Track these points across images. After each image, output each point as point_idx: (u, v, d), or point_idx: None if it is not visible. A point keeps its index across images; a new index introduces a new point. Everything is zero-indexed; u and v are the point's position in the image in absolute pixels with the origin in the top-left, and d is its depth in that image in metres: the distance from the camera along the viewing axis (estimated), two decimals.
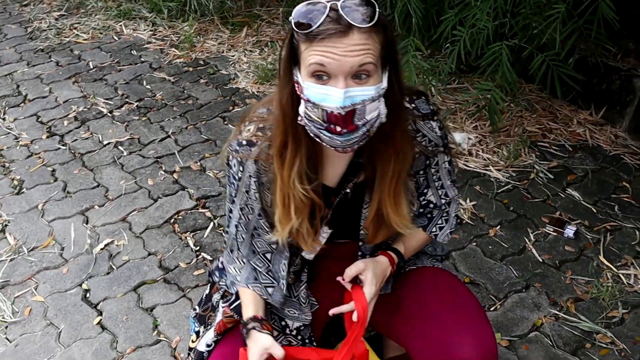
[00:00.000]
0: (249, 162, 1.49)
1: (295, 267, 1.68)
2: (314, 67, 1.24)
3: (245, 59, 4.38)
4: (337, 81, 1.24)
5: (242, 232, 1.62)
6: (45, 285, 2.54)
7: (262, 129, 1.48)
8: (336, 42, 1.21)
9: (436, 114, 1.53)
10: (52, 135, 3.55)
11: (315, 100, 1.27)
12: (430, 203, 1.65)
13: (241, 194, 1.56)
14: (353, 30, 1.22)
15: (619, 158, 3.25)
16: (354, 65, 1.23)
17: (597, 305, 2.41)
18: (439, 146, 1.54)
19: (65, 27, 4.96)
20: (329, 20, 1.21)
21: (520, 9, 3.00)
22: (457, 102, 3.70)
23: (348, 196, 1.54)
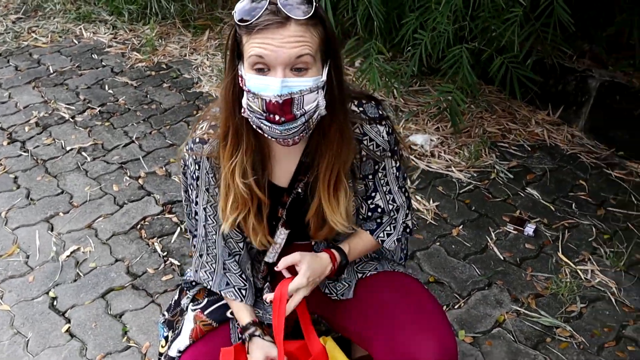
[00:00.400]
0: (204, 159, 1.53)
1: (262, 272, 1.71)
2: (253, 58, 1.30)
3: (208, 62, 4.38)
4: (275, 72, 1.30)
5: (212, 234, 1.63)
6: (11, 294, 2.52)
7: (213, 127, 1.52)
8: (274, 32, 1.27)
9: (385, 118, 1.56)
10: (13, 142, 3.50)
11: (255, 91, 1.32)
12: (378, 207, 1.67)
13: (202, 193, 1.58)
14: (291, 22, 1.27)
15: (576, 157, 3.35)
16: (291, 56, 1.28)
17: (557, 301, 2.48)
18: (386, 151, 1.57)
19: (23, 31, 4.89)
20: (268, 13, 1.27)
21: (479, 12, 3.07)
22: (419, 104, 3.77)
23: (300, 196, 1.57)
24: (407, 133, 3.49)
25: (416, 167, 3.24)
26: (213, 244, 1.65)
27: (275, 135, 1.37)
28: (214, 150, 1.50)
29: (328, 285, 1.76)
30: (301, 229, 1.64)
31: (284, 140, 1.39)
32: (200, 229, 1.65)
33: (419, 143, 3.40)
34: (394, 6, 3.51)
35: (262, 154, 1.50)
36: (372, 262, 1.80)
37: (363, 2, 3.31)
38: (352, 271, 1.77)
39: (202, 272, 1.69)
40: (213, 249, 1.66)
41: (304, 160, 1.53)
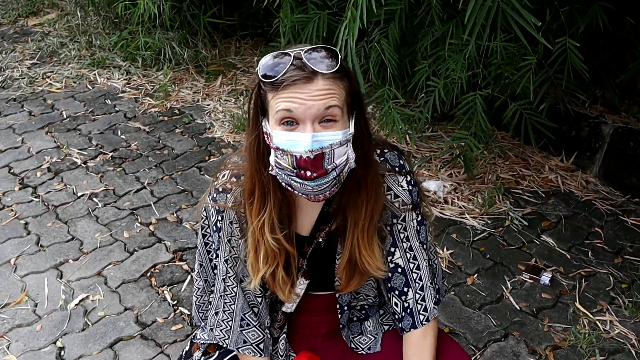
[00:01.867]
0: (227, 210, 1.50)
1: (279, 322, 1.67)
2: (281, 113, 1.28)
3: (221, 108, 4.40)
4: (304, 126, 1.28)
5: (232, 286, 1.58)
6: (18, 344, 2.48)
7: (236, 176, 1.50)
8: (302, 87, 1.26)
9: (404, 169, 1.53)
10: (25, 187, 3.50)
11: (284, 147, 1.30)
12: (399, 267, 1.58)
13: (224, 245, 1.54)
14: (317, 76, 1.27)
15: (591, 204, 3.31)
16: (320, 108, 1.27)
17: (575, 353, 2.42)
18: (407, 204, 1.53)
19: (38, 76, 4.94)
20: (294, 69, 1.27)
21: (492, 59, 3.08)
22: (431, 150, 3.75)
23: (321, 245, 1.54)
24: (420, 179, 3.47)
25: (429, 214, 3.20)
26: (231, 299, 1.60)
27: (307, 192, 1.35)
28: (238, 200, 1.48)
29: (353, 340, 1.72)
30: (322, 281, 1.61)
31: (315, 197, 1.36)
32: (218, 283, 1.60)
33: (432, 189, 3.37)
34: (406, 54, 3.53)
35: (289, 207, 1.47)
36: None
37: (376, 49, 3.33)
38: (377, 323, 1.73)
39: (217, 330, 1.63)
40: (231, 304, 1.61)
41: (325, 210, 1.51)
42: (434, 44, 3.28)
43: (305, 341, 1.73)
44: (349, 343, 1.71)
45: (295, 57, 1.27)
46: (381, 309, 1.75)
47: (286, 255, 1.50)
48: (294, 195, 1.43)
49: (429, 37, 3.26)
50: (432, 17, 3.17)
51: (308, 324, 1.71)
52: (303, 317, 1.71)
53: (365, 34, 3.50)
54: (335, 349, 1.71)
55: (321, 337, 1.75)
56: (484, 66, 3.11)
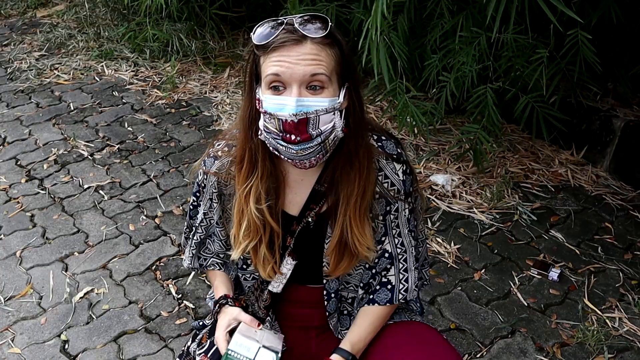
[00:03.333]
0: (210, 175, 1.58)
1: (265, 301, 1.66)
2: (269, 77, 1.33)
3: (228, 100, 4.38)
4: (291, 90, 1.32)
5: (200, 234, 1.71)
6: (23, 337, 2.47)
7: (229, 146, 1.56)
8: (290, 50, 1.31)
9: (402, 157, 1.55)
10: (32, 179, 3.50)
11: (271, 111, 1.34)
12: (386, 252, 1.62)
13: (205, 200, 1.64)
14: (306, 40, 1.32)
15: (601, 198, 3.27)
16: (306, 73, 1.31)
17: (583, 350, 2.39)
18: (400, 193, 1.55)
19: (46, 68, 4.94)
20: (284, 32, 1.32)
21: (502, 52, 3.03)
22: (440, 144, 3.71)
23: (310, 225, 1.55)
24: (428, 173, 3.43)
25: (437, 208, 3.18)
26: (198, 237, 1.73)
27: (292, 156, 1.38)
28: (225, 167, 1.55)
29: (341, 333, 1.71)
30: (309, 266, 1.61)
31: (300, 162, 1.39)
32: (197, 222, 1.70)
33: (440, 183, 3.34)
34: (415, 46, 3.49)
35: (277, 180, 1.50)
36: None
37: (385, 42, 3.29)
38: None
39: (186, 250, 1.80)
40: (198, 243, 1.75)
41: (317, 189, 1.52)
42: (443, 36, 3.24)
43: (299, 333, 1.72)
44: (336, 333, 1.70)
45: (287, 23, 1.32)
46: None
47: (270, 233, 1.53)
48: (284, 169, 1.49)
49: (439, 30, 3.22)
50: (441, 9, 3.13)
51: (300, 317, 1.72)
52: (295, 309, 1.71)
53: None
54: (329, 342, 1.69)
55: (314, 329, 1.74)
56: (494, 59, 3.07)
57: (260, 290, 1.66)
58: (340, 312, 1.72)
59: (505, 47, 2.95)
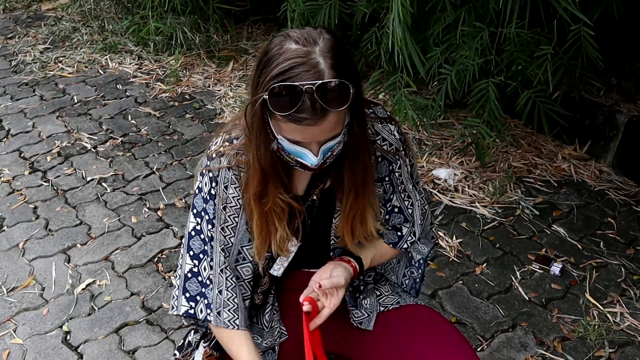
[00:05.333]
0: (222, 172, 1.47)
1: (263, 286, 1.64)
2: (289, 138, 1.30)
3: (232, 93, 4.38)
4: (311, 145, 1.31)
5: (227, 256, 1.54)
6: (25, 327, 2.49)
7: (228, 140, 1.49)
8: (312, 127, 1.26)
9: (393, 119, 1.57)
10: (35, 171, 3.51)
11: (290, 153, 1.34)
12: (395, 208, 1.65)
13: (219, 213, 1.50)
14: (328, 114, 1.25)
15: (604, 193, 3.26)
16: (327, 136, 1.30)
17: (584, 345, 2.39)
18: (399, 150, 1.56)
19: (50, 61, 4.95)
20: (305, 108, 1.22)
21: (504, 46, 3.03)
22: (442, 138, 3.71)
23: (315, 203, 1.54)
24: (430, 167, 3.43)
25: (439, 202, 3.18)
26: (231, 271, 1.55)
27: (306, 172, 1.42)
28: (233, 159, 1.47)
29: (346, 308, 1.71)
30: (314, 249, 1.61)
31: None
32: (217, 256, 1.53)
33: (442, 177, 3.34)
34: (417, 40, 3.48)
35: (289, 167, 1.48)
36: (394, 296, 1.75)
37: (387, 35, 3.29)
38: (374, 302, 1.72)
39: (225, 312, 1.55)
40: (231, 277, 1.55)
41: None
42: (445, 30, 3.23)
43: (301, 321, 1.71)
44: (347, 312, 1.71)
45: (307, 92, 1.21)
46: (377, 290, 1.76)
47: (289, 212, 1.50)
48: None
49: (441, 23, 3.21)
50: (444, 2, 3.12)
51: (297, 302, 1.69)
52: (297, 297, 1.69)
53: (377, 19, 3.46)
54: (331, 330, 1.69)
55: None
56: (496, 53, 3.06)
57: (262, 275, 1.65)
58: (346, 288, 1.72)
59: (507, 42, 2.94)
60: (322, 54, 1.26)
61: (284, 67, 1.24)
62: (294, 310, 1.71)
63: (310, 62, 1.24)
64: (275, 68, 1.25)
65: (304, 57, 1.25)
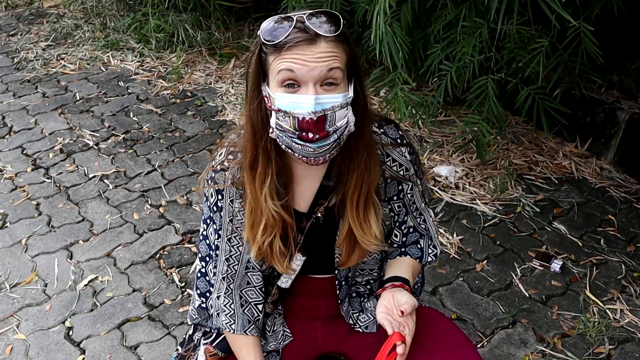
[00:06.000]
0: (227, 188, 1.49)
1: (272, 296, 1.66)
2: (283, 74, 1.29)
3: (233, 90, 4.39)
4: (307, 88, 1.29)
5: (234, 264, 1.58)
6: (28, 323, 2.50)
7: (232, 153, 1.50)
8: (304, 49, 1.27)
9: (405, 139, 1.56)
10: (37, 168, 3.52)
11: (286, 109, 1.30)
12: (411, 228, 1.65)
13: (225, 225, 1.54)
14: (320, 39, 1.28)
15: (605, 191, 3.27)
16: (322, 70, 1.28)
17: (584, 341, 2.40)
18: (409, 171, 1.56)
19: (53, 58, 4.96)
20: (296, 31, 1.28)
21: (505, 43, 3.03)
22: (443, 135, 3.72)
23: (320, 221, 1.53)
24: (432, 164, 3.44)
25: (440, 199, 3.19)
26: (231, 279, 1.59)
27: (308, 154, 1.35)
28: (235, 175, 1.48)
29: (353, 316, 1.72)
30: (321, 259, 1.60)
31: (315, 160, 1.37)
32: (221, 264, 1.59)
33: (443, 174, 3.34)
34: (419, 37, 3.49)
35: (286, 177, 1.47)
36: None
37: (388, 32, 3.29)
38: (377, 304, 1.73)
39: (223, 316, 1.62)
40: (231, 284, 1.60)
41: (325, 184, 1.51)
42: (446, 27, 3.24)
43: (305, 323, 1.73)
44: (347, 319, 1.71)
45: (297, 21, 1.28)
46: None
47: (283, 226, 1.48)
48: (292, 165, 1.46)
49: (442, 20, 3.22)
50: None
51: (307, 307, 1.71)
52: (302, 300, 1.71)
53: None
54: (335, 331, 1.70)
55: (321, 319, 1.75)
56: (496, 50, 3.06)
57: (270, 285, 1.67)
58: (350, 296, 1.73)
59: (507, 39, 2.94)
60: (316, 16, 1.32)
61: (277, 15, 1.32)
62: (298, 312, 1.72)
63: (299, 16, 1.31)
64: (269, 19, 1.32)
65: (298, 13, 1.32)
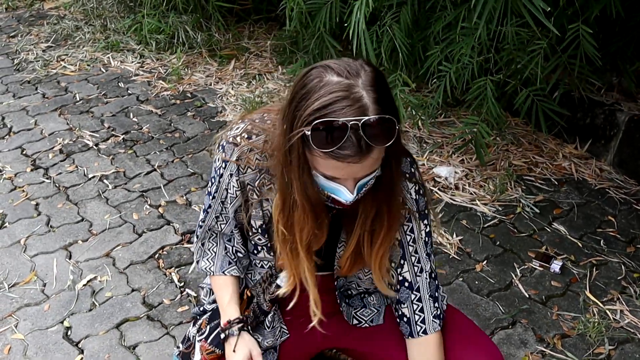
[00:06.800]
0: (230, 163, 1.51)
1: (271, 295, 1.66)
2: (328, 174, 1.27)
3: (233, 91, 4.39)
4: (347, 181, 1.28)
5: (222, 223, 1.64)
6: (26, 323, 2.49)
7: (249, 133, 1.49)
8: (354, 161, 1.20)
9: (414, 177, 1.53)
10: (37, 169, 3.52)
11: (325, 189, 1.31)
12: (406, 281, 1.61)
13: (221, 190, 1.58)
14: (372, 150, 1.20)
15: (604, 192, 3.27)
16: (367, 172, 1.27)
17: (584, 342, 2.39)
18: (413, 211, 1.53)
19: (53, 59, 4.96)
20: (349, 144, 1.18)
21: (504, 44, 3.03)
22: (443, 136, 3.72)
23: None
24: (431, 165, 3.44)
25: (440, 200, 3.18)
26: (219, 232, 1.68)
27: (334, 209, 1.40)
28: (243, 155, 1.49)
29: (356, 315, 1.72)
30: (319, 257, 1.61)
31: None
32: (209, 219, 1.65)
33: (443, 175, 3.34)
34: (418, 38, 3.49)
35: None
36: None
37: (388, 34, 3.30)
38: (380, 297, 1.73)
39: (204, 260, 1.70)
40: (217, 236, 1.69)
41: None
42: (446, 28, 3.25)
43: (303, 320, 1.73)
44: (350, 320, 1.71)
45: (351, 128, 1.16)
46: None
47: None
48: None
49: (442, 22, 3.22)
50: (444, 0, 3.13)
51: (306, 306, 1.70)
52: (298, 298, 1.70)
53: (378, 18, 3.47)
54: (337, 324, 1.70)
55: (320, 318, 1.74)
56: (495, 51, 3.07)
57: (268, 282, 1.67)
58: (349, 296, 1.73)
59: (506, 40, 2.95)
60: (364, 87, 1.19)
61: (326, 100, 1.18)
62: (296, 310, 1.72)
63: (353, 96, 1.18)
64: (316, 101, 1.19)
65: (347, 90, 1.18)
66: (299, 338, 1.73)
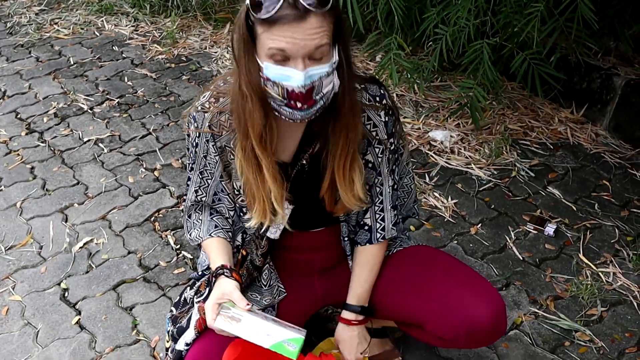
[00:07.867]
0: (204, 127, 1.55)
1: (262, 249, 1.69)
2: (274, 51, 1.31)
3: (228, 55, 4.35)
4: (296, 62, 1.31)
5: (202, 196, 1.68)
6: (23, 285, 2.51)
7: (215, 97, 1.54)
8: (294, 27, 1.27)
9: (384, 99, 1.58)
10: (32, 132, 3.50)
11: (275, 79, 1.34)
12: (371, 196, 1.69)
13: (199, 159, 1.62)
14: (310, 14, 1.28)
15: (600, 156, 3.27)
16: (312, 47, 1.30)
17: (577, 304, 2.42)
18: (382, 132, 1.58)
19: (46, 22, 4.90)
20: (286, 6, 1.27)
21: (501, 7, 3.01)
22: (439, 100, 3.70)
23: (305, 167, 1.57)
24: (427, 129, 3.43)
25: (435, 163, 3.19)
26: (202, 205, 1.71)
27: (295, 118, 1.40)
28: (215, 119, 1.53)
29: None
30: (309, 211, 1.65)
31: (301, 121, 1.42)
32: (190, 194, 1.69)
33: (439, 139, 3.34)
34: (415, 0, 3.45)
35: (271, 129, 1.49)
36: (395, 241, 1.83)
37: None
38: None
39: (193, 232, 1.72)
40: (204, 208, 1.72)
41: (308, 130, 1.54)
42: None
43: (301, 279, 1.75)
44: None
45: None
46: None
47: None
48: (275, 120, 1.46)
49: None
50: None
51: (303, 262, 1.74)
52: (296, 255, 1.73)
53: None
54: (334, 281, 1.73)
55: (317, 273, 1.77)
56: (492, 14, 3.04)
57: (260, 238, 1.68)
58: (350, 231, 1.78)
59: (503, 3, 2.92)
60: None
61: None
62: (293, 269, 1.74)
63: None
64: None
65: None
66: (299, 296, 1.75)
